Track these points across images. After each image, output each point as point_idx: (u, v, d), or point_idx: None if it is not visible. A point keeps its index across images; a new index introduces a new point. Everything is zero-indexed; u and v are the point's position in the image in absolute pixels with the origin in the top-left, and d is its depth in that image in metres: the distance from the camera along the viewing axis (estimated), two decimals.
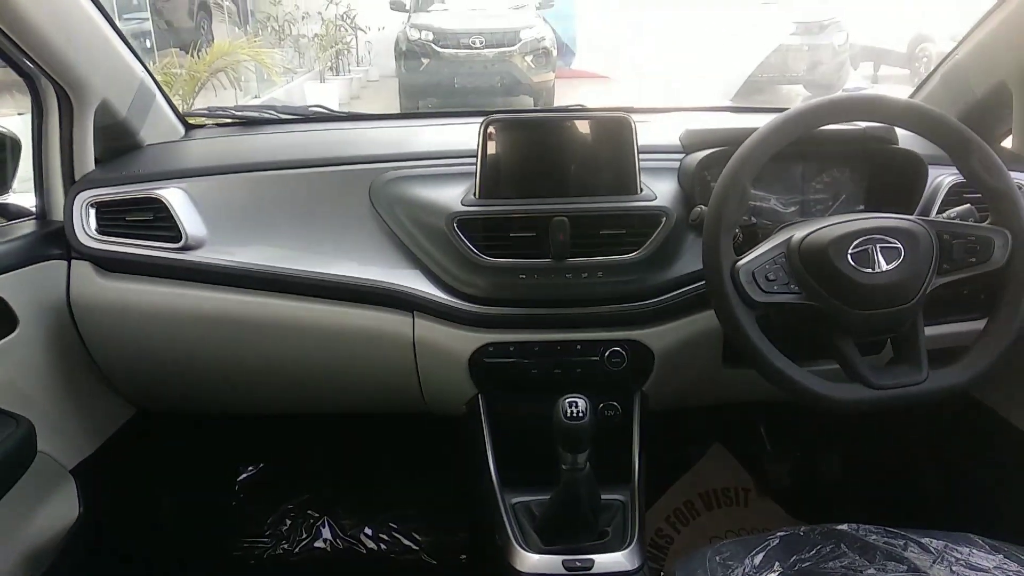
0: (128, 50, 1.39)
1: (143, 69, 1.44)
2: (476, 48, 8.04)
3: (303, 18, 8.87)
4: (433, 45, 8.06)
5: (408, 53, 8.17)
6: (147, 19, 6.75)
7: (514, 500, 1.26)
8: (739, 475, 1.87)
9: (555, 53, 8.54)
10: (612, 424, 1.32)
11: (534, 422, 1.21)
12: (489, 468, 1.28)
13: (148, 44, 6.29)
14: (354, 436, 1.89)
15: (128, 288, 1.30)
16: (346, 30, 9.22)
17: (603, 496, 1.22)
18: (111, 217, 1.29)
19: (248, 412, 1.60)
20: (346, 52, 9.34)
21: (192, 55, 5.55)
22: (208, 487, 1.88)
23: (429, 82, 8.09)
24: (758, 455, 1.90)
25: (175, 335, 1.34)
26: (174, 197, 1.29)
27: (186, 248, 1.28)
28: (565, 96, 7.96)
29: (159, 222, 1.28)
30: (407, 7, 8.76)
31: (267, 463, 1.94)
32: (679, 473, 1.87)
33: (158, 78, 1.52)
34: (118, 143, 1.43)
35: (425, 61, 8.07)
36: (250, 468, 1.93)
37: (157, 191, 1.29)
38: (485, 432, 1.31)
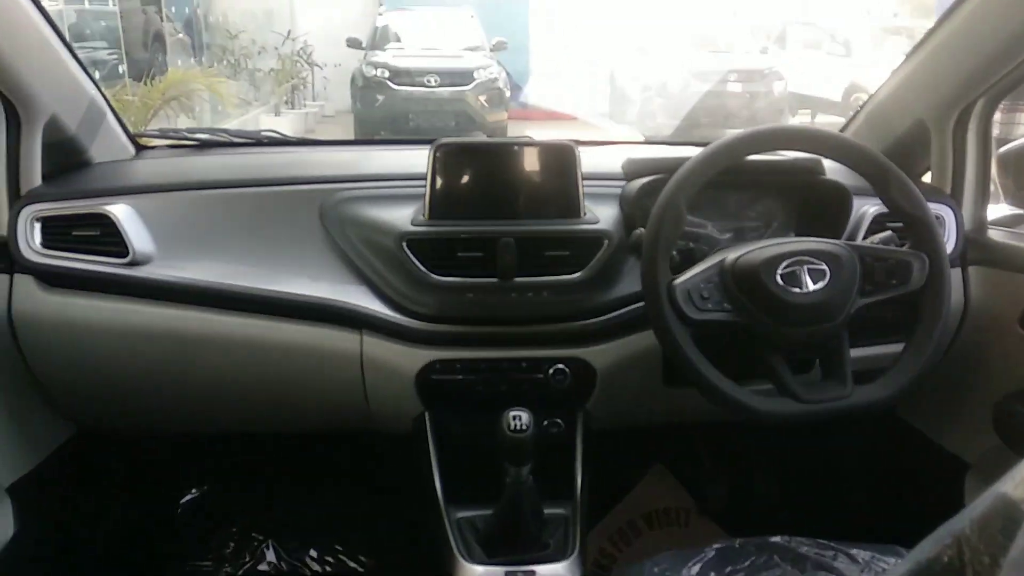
0: (79, 67, 1.39)
1: (94, 87, 1.44)
2: (431, 87, 8.16)
3: (259, 52, 8.89)
4: (389, 82, 8.16)
5: (364, 89, 8.26)
6: (101, 48, 6.68)
7: (459, 515, 1.27)
8: (680, 495, 1.90)
9: (508, 93, 8.72)
10: (556, 440, 1.34)
11: (480, 439, 1.22)
12: (435, 484, 1.29)
13: (100, 74, 6.20)
14: (299, 457, 1.87)
15: (72, 303, 1.29)
16: (302, 65, 9.26)
17: (546, 510, 1.24)
18: (57, 232, 1.28)
19: (192, 431, 1.59)
20: (302, 87, 9.37)
21: (145, 83, 5.51)
22: (149, 509, 1.84)
23: (385, 118, 8.17)
24: (698, 476, 1.93)
25: (118, 351, 1.33)
26: (121, 213, 1.28)
27: (133, 264, 1.28)
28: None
29: (106, 237, 1.28)
30: (363, 45, 8.88)
31: (210, 484, 1.90)
32: (622, 494, 1.90)
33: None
34: (67, 160, 1.42)
35: (380, 98, 8.16)
36: (193, 490, 1.89)
37: (104, 207, 1.28)
38: (431, 449, 1.32)
